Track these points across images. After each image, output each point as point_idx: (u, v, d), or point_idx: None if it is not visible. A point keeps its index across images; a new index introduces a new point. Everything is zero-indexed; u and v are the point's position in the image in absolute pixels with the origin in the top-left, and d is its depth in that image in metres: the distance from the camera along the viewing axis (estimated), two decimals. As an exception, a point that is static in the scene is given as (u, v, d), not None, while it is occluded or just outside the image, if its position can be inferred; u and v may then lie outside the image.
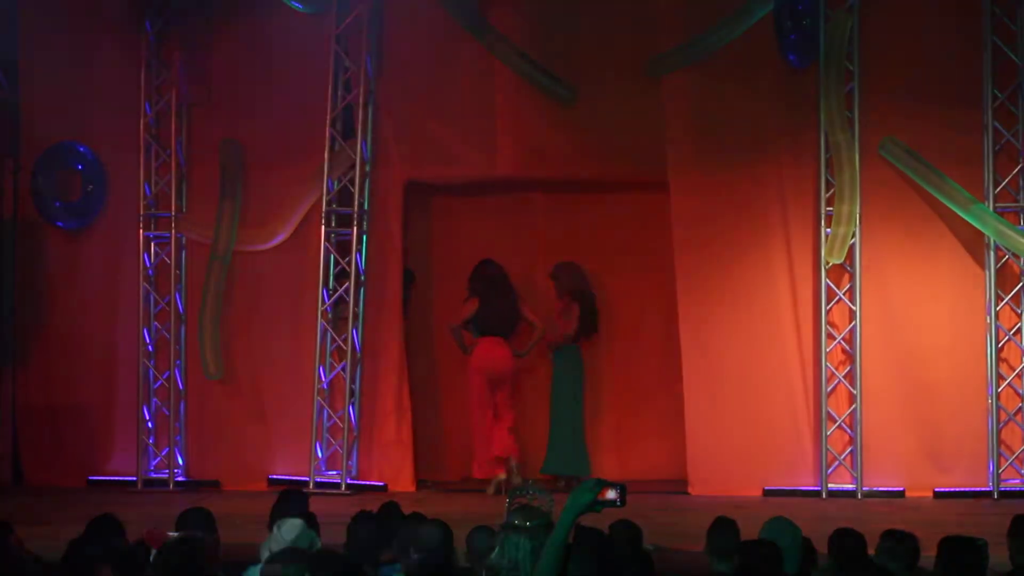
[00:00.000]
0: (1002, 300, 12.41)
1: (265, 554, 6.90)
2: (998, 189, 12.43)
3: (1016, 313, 12.46)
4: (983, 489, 12.20)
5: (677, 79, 12.84)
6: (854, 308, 12.52)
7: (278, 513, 7.50)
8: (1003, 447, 12.33)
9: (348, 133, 13.13)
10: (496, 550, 5.53)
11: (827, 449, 12.43)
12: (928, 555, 6.76)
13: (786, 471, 12.46)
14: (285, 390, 13.14)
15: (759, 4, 12.62)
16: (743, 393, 12.59)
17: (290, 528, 7.05)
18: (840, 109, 12.47)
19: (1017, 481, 12.30)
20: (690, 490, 12.44)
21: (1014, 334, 12.45)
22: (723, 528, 7.23)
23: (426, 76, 13.17)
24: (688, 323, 12.76)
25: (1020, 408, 12.38)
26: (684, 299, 12.80)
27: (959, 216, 12.39)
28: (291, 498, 7.79)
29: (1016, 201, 12.47)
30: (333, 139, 13.04)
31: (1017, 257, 12.38)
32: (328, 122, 13.02)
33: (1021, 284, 12.44)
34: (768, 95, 12.79)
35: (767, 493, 12.20)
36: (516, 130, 13.06)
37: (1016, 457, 12.34)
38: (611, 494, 5.45)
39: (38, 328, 13.47)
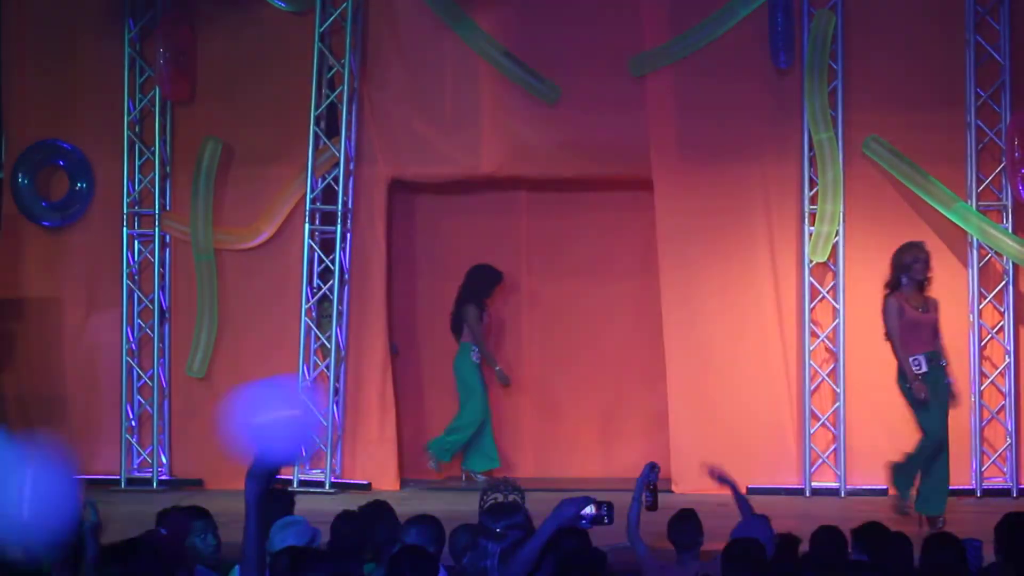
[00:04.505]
0: (985, 298, 12.44)
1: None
2: (981, 188, 12.47)
3: (999, 311, 12.49)
4: (966, 487, 12.23)
5: (661, 77, 12.85)
6: (837, 306, 12.55)
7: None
8: (986, 445, 12.37)
9: (332, 131, 13.12)
10: (468, 553, 5.56)
11: (811, 447, 12.46)
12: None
13: (770, 469, 12.47)
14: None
15: (743, 3, 12.64)
16: (727, 392, 12.62)
17: (287, 527, 7.03)
18: (823, 108, 12.49)
19: (1000, 479, 12.35)
20: (674, 488, 12.44)
21: (997, 332, 12.49)
22: (685, 520, 7.34)
23: (411, 75, 13.15)
24: (672, 321, 12.77)
25: (1003, 406, 12.42)
26: (668, 297, 12.81)
27: (942, 215, 12.42)
28: (276, 498, 7.73)
29: (999, 199, 12.49)
30: (317, 137, 13.02)
31: (1000, 255, 12.42)
32: (312, 120, 13.00)
33: (1004, 282, 12.47)
34: (752, 94, 12.80)
35: (750, 491, 12.11)
36: (500, 129, 13.05)
37: (999, 455, 12.37)
38: (597, 510, 5.48)
39: (19, 326, 13.44)
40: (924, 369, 10.77)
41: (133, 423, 13.25)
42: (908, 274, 10.90)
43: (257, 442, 5.06)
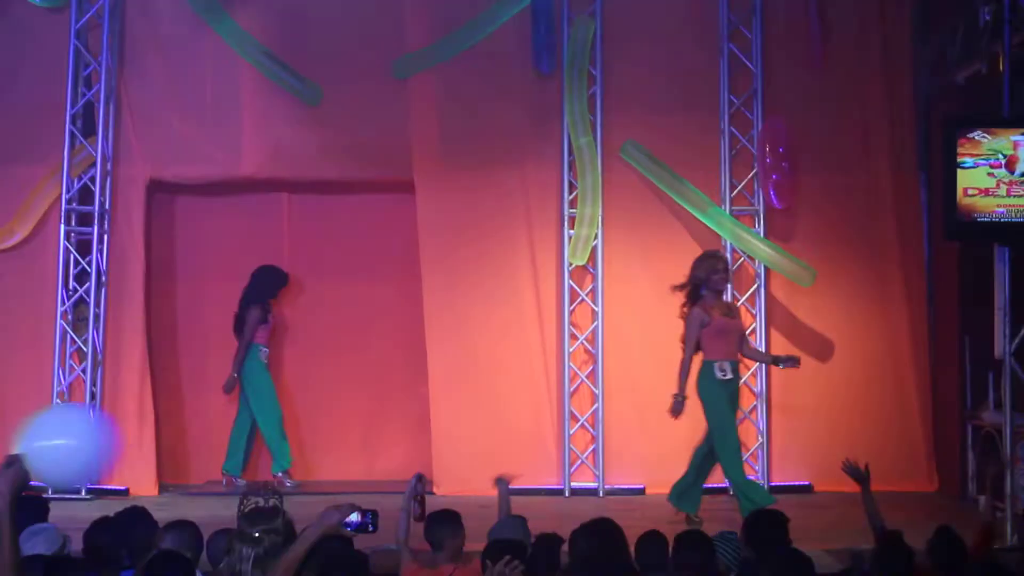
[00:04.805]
0: (738, 301, 12.73)
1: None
2: (734, 193, 12.79)
3: (751, 313, 12.79)
4: (720, 485, 12.46)
5: (423, 80, 12.90)
6: (596, 309, 12.74)
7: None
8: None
9: (89, 130, 12.89)
10: (225, 558, 5.55)
11: (570, 448, 12.62)
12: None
13: (530, 470, 12.59)
14: (23, 394, 12.79)
15: (504, 7, 12.76)
16: (488, 393, 12.73)
17: (36, 534, 6.90)
18: (582, 113, 12.68)
19: (751, 477, 12.62)
20: (435, 490, 12.50)
21: (749, 334, 12.79)
22: (444, 521, 7.38)
23: (170, 74, 12.98)
24: (433, 324, 12.83)
25: (754, 407, 12.73)
26: (429, 300, 12.86)
27: (697, 219, 12.71)
28: (28, 505, 7.55)
29: (751, 204, 12.83)
30: (73, 136, 12.78)
31: (752, 259, 12.74)
32: (68, 119, 12.75)
33: (756, 285, 12.80)
34: (513, 98, 12.95)
35: (511, 492, 12.28)
36: (261, 129, 12.96)
37: (750, 454, 12.66)
38: (362, 518, 5.49)
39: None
40: (729, 376, 10.73)
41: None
42: (707, 285, 10.84)
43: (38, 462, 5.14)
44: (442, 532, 7.33)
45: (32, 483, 6.02)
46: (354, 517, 5.51)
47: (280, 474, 12.85)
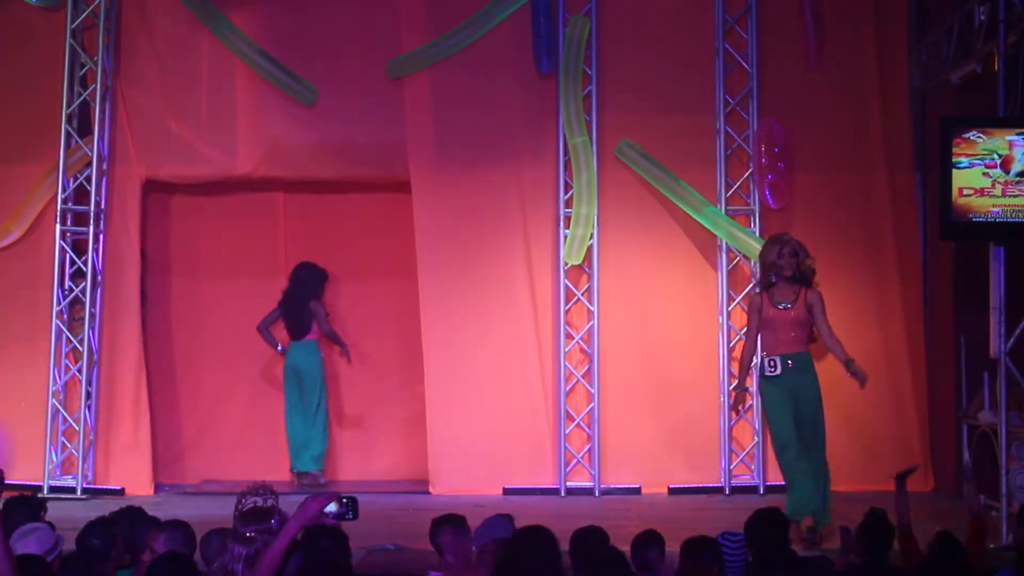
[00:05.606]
0: (733, 300, 12.76)
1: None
2: (730, 192, 12.78)
3: (747, 312, 12.79)
4: (715, 485, 12.53)
5: (419, 79, 12.90)
6: (592, 308, 12.74)
7: (9, 521, 7.27)
8: (734, 443, 12.66)
9: (84, 130, 12.88)
10: (218, 558, 5.58)
11: (566, 448, 12.63)
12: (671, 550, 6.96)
13: (526, 470, 12.61)
14: (19, 393, 12.81)
15: (500, 6, 12.76)
16: (484, 393, 12.71)
17: (29, 533, 6.88)
18: (578, 112, 12.68)
19: (747, 476, 12.65)
20: (431, 490, 12.50)
21: (745, 333, 12.79)
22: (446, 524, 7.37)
23: (165, 73, 12.98)
24: (429, 323, 12.82)
25: (750, 405, 12.72)
26: (425, 299, 12.85)
27: (693, 218, 12.71)
28: (24, 504, 7.54)
29: (747, 204, 12.82)
30: (69, 135, 12.77)
31: (748, 259, 12.74)
32: (63, 118, 12.74)
33: (752, 285, 12.81)
34: (508, 97, 12.94)
35: (507, 492, 12.32)
36: (257, 129, 12.95)
37: (747, 453, 12.69)
38: (340, 507, 5.51)
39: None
40: (777, 371, 10.08)
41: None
42: (777, 272, 10.25)
43: None
44: (446, 537, 7.32)
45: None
46: (333, 507, 5.54)
47: (309, 470, 12.92)
